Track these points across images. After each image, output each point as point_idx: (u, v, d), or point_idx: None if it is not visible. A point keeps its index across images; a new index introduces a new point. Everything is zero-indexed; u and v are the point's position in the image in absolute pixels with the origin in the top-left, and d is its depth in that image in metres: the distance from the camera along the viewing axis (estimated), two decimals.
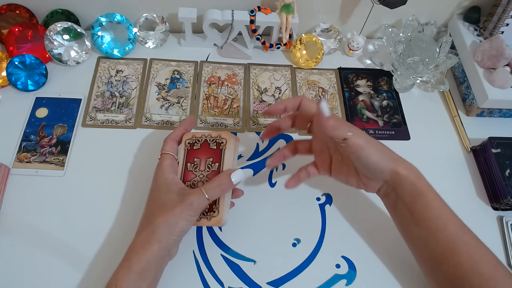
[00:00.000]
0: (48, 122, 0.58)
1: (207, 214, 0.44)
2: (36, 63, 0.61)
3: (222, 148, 0.47)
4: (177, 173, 0.46)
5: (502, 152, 0.57)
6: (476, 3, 0.70)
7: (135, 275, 0.40)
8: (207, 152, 0.47)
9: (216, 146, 0.47)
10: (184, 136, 0.49)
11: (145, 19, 0.68)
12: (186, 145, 0.48)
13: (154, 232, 0.41)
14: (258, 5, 0.66)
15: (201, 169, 0.46)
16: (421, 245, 0.44)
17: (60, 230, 0.50)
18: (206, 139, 0.48)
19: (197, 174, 0.46)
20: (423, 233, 0.43)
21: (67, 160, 0.55)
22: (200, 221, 0.44)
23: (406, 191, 0.44)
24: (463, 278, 0.40)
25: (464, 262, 0.41)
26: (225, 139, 0.48)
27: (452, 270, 0.41)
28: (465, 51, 0.67)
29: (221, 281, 0.48)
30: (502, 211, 0.56)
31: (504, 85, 0.61)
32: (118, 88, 0.63)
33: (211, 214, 0.44)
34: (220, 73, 0.67)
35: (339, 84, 0.68)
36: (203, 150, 0.47)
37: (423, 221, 0.43)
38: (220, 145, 0.47)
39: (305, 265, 0.50)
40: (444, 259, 0.42)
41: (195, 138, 0.48)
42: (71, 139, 0.57)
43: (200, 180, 0.46)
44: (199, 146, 0.48)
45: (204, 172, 0.46)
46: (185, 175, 0.46)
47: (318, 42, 0.68)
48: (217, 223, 0.44)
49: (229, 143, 0.47)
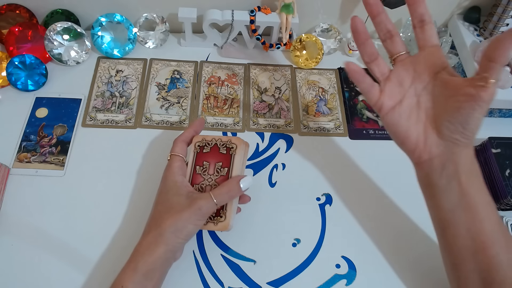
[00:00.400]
0: (48, 122, 0.58)
1: (214, 218, 0.45)
2: (36, 63, 0.61)
3: (232, 153, 0.47)
4: (186, 175, 0.46)
5: (502, 152, 0.57)
6: (476, 3, 0.70)
7: (140, 276, 0.40)
8: (216, 156, 0.47)
9: (226, 151, 0.47)
10: (194, 138, 0.49)
11: (145, 19, 0.68)
12: (196, 147, 0.48)
13: (162, 235, 0.41)
14: (258, 5, 0.66)
15: (210, 173, 0.46)
16: (463, 232, 0.39)
17: (60, 230, 0.50)
18: (216, 143, 0.48)
19: (206, 178, 0.46)
20: (469, 220, 0.39)
21: (67, 160, 0.55)
22: (207, 225, 0.44)
23: (466, 168, 0.38)
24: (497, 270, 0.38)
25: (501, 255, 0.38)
26: (236, 144, 0.48)
27: (486, 260, 0.38)
28: (465, 51, 0.67)
29: (221, 281, 0.48)
30: (502, 211, 0.56)
31: (504, 85, 0.61)
32: (118, 88, 0.63)
33: (218, 219, 0.45)
34: (220, 73, 0.67)
35: (339, 84, 0.68)
36: (212, 153, 0.47)
37: (474, 206, 0.38)
38: (230, 150, 0.47)
39: (305, 265, 0.50)
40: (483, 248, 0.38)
41: (205, 141, 0.48)
42: (71, 139, 0.57)
43: (209, 184, 0.46)
44: (209, 149, 0.48)
45: (213, 176, 0.46)
46: (194, 178, 0.46)
47: (318, 42, 0.68)
48: (223, 228, 0.44)
49: (239, 148, 0.47)
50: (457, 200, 0.39)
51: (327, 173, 0.58)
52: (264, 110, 0.63)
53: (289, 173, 0.57)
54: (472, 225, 0.39)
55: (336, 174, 0.58)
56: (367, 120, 0.64)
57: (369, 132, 0.63)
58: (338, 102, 0.65)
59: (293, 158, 0.58)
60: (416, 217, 0.55)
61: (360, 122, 0.64)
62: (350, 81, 0.68)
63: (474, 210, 0.38)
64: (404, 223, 0.54)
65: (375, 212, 0.55)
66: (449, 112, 0.38)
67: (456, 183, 0.39)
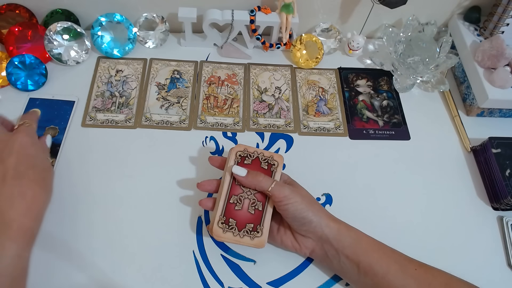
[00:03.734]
0: (40, 123, 0.57)
1: (251, 233, 0.45)
2: (36, 63, 0.61)
3: (273, 170, 0.48)
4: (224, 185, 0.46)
5: (502, 152, 0.57)
6: (476, 3, 0.70)
7: None
8: (258, 170, 0.47)
9: (267, 167, 0.48)
10: (236, 147, 0.48)
11: (145, 19, 0.68)
12: (237, 157, 0.48)
13: None
14: (258, 5, 0.66)
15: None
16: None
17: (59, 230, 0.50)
18: (258, 156, 0.48)
19: (245, 191, 0.46)
20: (375, 280, 0.43)
21: (56, 162, 0.55)
22: (243, 239, 0.44)
23: (345, 242, 0.45)
24: None
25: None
26: (277, 161, 0.48)
27: None
28: (466, 51, 0.67)
29: (221, 281, 0.48)
30: (502, 211, 0.56)
31: (504, 85, 0.61)
32: (118, 88, 0.63)
33: (254, 234, 0.45)
34: (220, 73, 0.67)
35: (339, 84, 0.68)
36: (254, 166, 0.47)
37: (370, 268, 0.43)
38: (272, 166, 0.48)
39: (305, 265, 0.50)
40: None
41: (247, 152, 0.48)
42: (62, 142, 0.56)
43: (247, 197, 0.46)
44: (250, 161, 0.48)
45: (252, 190, 0.46)
46: (233, 189, 0.46)
47: (318, 42, 0.68)
48: (259, 244, 0.45)
49: (280, 166, 0.48)
50: (356, 271, 0.44)
51: (327, 173, 0.58)
52: (264, 110, 0.63)
53: (289, 173, 0.57)
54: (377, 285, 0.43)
55: (336, 174, 0.58)
56: (367, 120, 0.64)
57: (369, 132, 0.62)
58: (338, 102, 0.65)
59: (293, 158, 0.58)
60: (416, 217, 0.55)
61: (360, 122, 0.63)
62: (350, 81, 0.68)
63: (371, 273, 0.43)
64: (404, 223, 0.54)
65: (375, 212, 0.55)
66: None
67: (345, 259, 0.44)
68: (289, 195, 0.44)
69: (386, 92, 0.67)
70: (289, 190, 0.44)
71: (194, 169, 0.56)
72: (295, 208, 0.44)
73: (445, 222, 0.55)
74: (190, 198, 0.53)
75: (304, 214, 0.44)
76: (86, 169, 0.55)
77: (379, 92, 0.67)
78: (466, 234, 0.54)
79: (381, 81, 0.69)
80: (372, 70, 0.70)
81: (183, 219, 0.51)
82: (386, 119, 0.64)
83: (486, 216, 0.56)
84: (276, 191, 0.44)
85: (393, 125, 0.64)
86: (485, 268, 0.51)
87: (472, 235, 0.54)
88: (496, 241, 0.54)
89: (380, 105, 0.66)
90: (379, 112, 0.65)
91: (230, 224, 0.45)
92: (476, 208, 0.57)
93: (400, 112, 0.65)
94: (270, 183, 0.45)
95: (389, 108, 0.65)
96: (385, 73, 0.69)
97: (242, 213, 0.46)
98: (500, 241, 0.54)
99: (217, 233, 0.44)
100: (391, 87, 0.68)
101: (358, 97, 0.66)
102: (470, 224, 0.55)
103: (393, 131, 0.63)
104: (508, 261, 0.52)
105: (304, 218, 0.44)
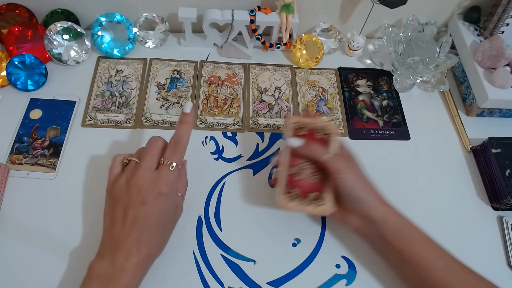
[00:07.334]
0: (41, 124, 0.58)
1: (315, 201, 0.45)
2: (36, 63, 0.61)
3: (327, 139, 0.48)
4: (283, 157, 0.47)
5: (502, 152, 0.57)
6: (476, 3, 0.70)
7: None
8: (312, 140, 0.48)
9: (323, 136, 0.48)
10: (288, 119, 0.49)
11: (145, 19, 0.68)
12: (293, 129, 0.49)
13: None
14: (258, 5, 0.66)
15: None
16: (414, 281, 0.44)
17: (59, 230, 0.50)
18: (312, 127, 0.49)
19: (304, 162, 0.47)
20: (416, 270, 0.43)
21: (58, 163, 0.55)
22: (308, 207, 0.45)
23: (390, 228, 0.44)
24: None
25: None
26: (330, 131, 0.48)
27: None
28: (465, 51, 0.67)
29: (221, 281, 0.48)
30: (502, 211, 0.56)
31: (504, 85, 0.61)
32: (118, 88, 0.63)
33: (318, 201, 0.45)
34: (220, 73, 0.67)
35: (339, 84, 0.68)
36: (309, 137, 0.48)
37: (413, 258, 0.43)
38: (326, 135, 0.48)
39: (305, 265, 0.50)
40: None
41: (300, 123, 0.49)
42: (64, 142, 0.57)
43: (307, 167, 0.47)
44: (305, 132, 0.49)
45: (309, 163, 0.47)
46: (292, 160, 0.47)
47: (318, 42, 0.68)
48: (324, 212, 0.45)
49: (334, 135, 0.48)
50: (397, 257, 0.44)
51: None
52: (264, 110, 0.63)
53: None
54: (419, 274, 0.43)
55: None
56: (367, 120, 0.64)
57: (369, 132, 0.62)
58: (338, 102, 0.65)
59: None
60: (416, 217, 0.55)
61: (360, 122, 0.63)
62: (350, 81, 0.68)
63: (413, 261, 0.43)
64: None
65: None
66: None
67: (387, 244, 0.44)
68: (342, 169, 0.44)
69: (386, 92, 0.67)
70: (343, 165, 0.44)
71: (194, 169, 0.56)
72: (345, 184, 0.44)
73: (445, 222, 0.55)
74: (190, 198, 0.53)
75: (352, 192, 0.44)
76: (86, 169, 0.55)
77: (379, 92, 0.67)
78: (466, 234, 0.54)
79: (381, 81, 0.69)
80: (372, 70, 0.70)
81: (183, 219, 0.51)
82: (386, 119, 0.64)
83: (486, 216, 0.56)
84: (330, 163, 0.44)
85: (393, 125, 0.64)
86: (485, 268, 0.51)
87: (472, 235, 0.54)
88: (496, 241, 0.54)
89: (380, 105, 0.66)
90: (379, 112, 0.65)
91: (294, 194, 0.46)
92: (476, 208, 0.57)
93: (400, 112, 0.65)
94: (323, 153, 0.45)
95: (389, 108, 0.65)
96: (385, 73, 0.69)
97: (304, 183, 0.47)
98: (500, 241, 0.54)
99: (283, 202, 0.45)
100: (391, 87, 0.68)
101: (358, 97, 0.66)
102: (470, 224, 0.55)
103: (393, 131, 0.63)
104: (508, 261, 0.52)
105: (352, 196, 0.44)
